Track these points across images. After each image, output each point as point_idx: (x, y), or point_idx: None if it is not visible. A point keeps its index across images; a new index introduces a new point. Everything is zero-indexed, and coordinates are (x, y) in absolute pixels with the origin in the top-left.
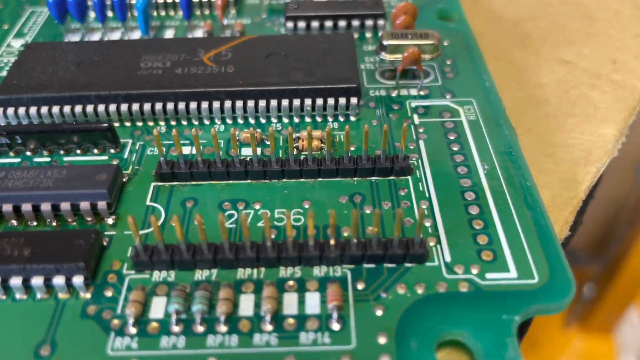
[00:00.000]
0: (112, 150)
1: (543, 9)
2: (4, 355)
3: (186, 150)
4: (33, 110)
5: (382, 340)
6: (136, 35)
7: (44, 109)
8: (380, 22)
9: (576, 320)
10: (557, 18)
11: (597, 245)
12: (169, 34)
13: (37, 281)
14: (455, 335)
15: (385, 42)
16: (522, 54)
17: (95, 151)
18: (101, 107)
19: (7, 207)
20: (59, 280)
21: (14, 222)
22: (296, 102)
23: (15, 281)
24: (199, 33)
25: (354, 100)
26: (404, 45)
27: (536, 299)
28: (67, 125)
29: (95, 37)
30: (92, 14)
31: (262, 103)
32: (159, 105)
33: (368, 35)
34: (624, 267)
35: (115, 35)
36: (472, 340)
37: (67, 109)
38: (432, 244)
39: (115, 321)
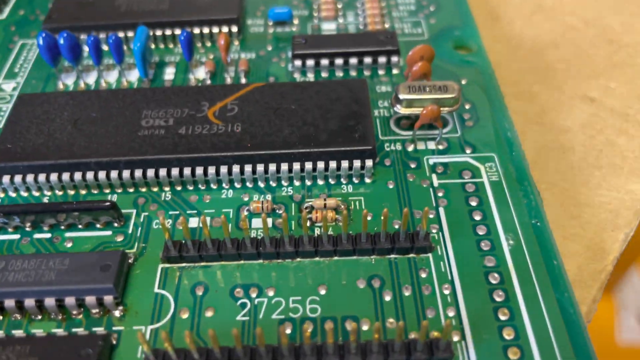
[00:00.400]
0: (116, 225)
1: (566, 33)
2: None
3: (194, 221)
4: (30, 178)
5: None
6: (134, 74)
7: (42, 177)
8: (394, 58)
9: None
10: (581, 44)
11: None
12: (169, 72)
13: None
14: None
15: (401, 96)
16: (544, 90)
17: (98, 226)
18: (102, 174)
19: (10, 303)
20: None
21: (18, 316)
22: (308, 165)
23: None
24: (201, 72)
25: (369, 162)
26: (422, 100)
27: None
28: (68, 205)
29: (91, 77)
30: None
31: (272, 167)
32: (163, 172)
33: (381, 72)
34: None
35: (112, 76)
36: None
37: (65, 176)
38: (456, 338)
39: None
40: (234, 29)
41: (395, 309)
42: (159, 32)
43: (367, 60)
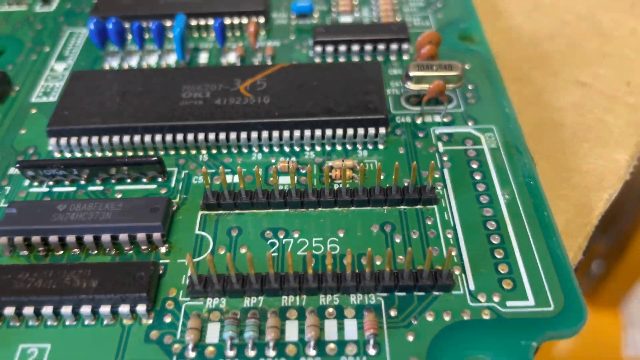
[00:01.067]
0: (160, 179)
1: (561, 27)
2: None
3: (229, 178)
4: (84, 140)
5: None
6: (172, 58)
7: (94, 139)
8: (405, 46)
9: (584, 295)
10: (574, 37)
11: (606, 223)
12: (203, 57)
13: (104, 309)
14: (478, 359)
15: (411, 74)
16: (540, 75)
17: (144, 180)
18: (147, 138)
19: (71, 238)
20: (124, 309)
21: (77, 251)
22: (328, 132)
23: (85, 309)
24: (232, 56)
25: (382, 130)
26: (429, 77)
27: (552, 326)
28: (120, 159)
29: (134, 60)
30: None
31: (296, 133)
32: (201, 136)
33: (393, 58)
34: (632, 243)
35: (153, 59)
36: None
37: (115, 139)
38: (457, 272)
39: (176, 345)
40: (261, 20)
41: (404, 249)
42: (194, 22)
43: (381, 47)
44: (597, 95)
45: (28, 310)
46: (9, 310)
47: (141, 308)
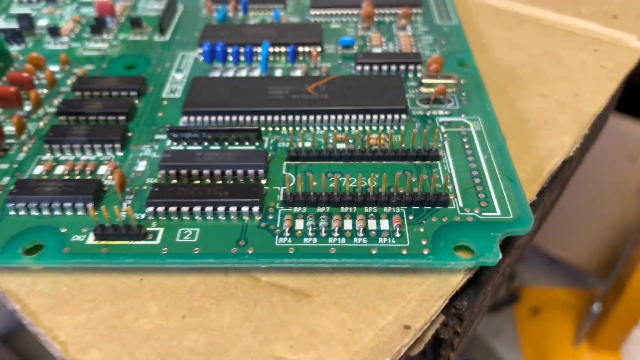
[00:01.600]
0: (257, 143)
1: (530, 58)
2: (219, 246)
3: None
4: (206, 118)
5: (424, 242)
6: (256, 72)
7: (213, 117)
8: (419, 67)
9: (585, 337)
10: (539, 65)
11: (605, 268)
12: (278, 72)
13: (232, 209)
14: (464, 242)
15: (423, 81)
16: (513, 89)
17: (247, 143)
18: (248, 118)
19: (206, 172)
20: (244, 209)
21: (208, 181)
22: (367, 116)
23: (220, 209)
24: (298, 72)
25: (403, 116)
26: (435, 83)
27: (511, 226)
28: (233, 127)
29: (230, 72)
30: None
31: (346, 117)
32: (283, 117)
33: (410, 75)
34: (630, 286)
35: (243, 72)
36: (474, 245)
37: (227, 118)
38: (452, 197)
39: (277, 230)
40: (318, 49)
41: (417, 182)
42: (272, 49)
43: (402, 67)
44: (553, 103)
45: (184, 209)
46: (173, 209)
47: (255, 209)
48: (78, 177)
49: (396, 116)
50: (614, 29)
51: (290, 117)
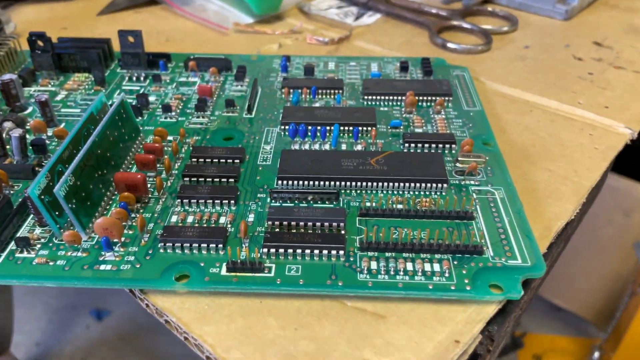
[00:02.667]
0: (335, 202)
1: (538, 139)
2: (317, 279)
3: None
4: (296, 182)
5: (466, 281)
6: (327, 146)
7: (301, 182)
8: (453, 145)
9: None
10: (546, 145)
11: (604, 317)
12: (343, 146)
13: (324, 252)
14: (495, 282)
15: (459, 159)
16: (526, 164)
17: (327, 202)
18: (327, 182)
19: (301, 223)
20: (333, 252)
21: (302, 230)
22: (417, 184)
23: (315, 251)
24: (359, 147)
25: (444, 185)
26: (468, 161)
27: (529, 270)
28: (317, 190)
29: (306, 146)
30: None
31: (401, 184)
32: (354, 183)
33: (446, 152)
34: (628, 335)
35: (316, 146)
36: (502, 283)
37: (311, 182)
38: (485, 248)
39: (358, 269)
40: (373, 132)
41: (459, 236)
42: (341, 128)
43: (440, 145)
44: (557, 176)
45: (289, 250)
46: (281, 250)
47: (341, 252)
48: (205, 225)
49: (439, 185)
50: (606, 117)
51: (359, 183)
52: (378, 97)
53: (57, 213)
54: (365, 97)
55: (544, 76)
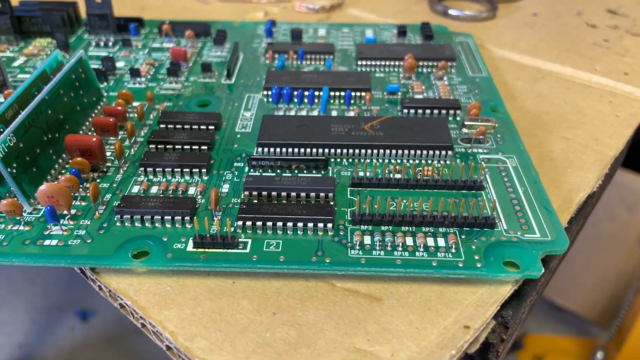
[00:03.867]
0: (323, 171)
1: (553, 107)
2: (300, 256)
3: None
4: (277, 150)
5: (476, 257)
6: (315, 112)
7: (284, 149)
8: (458, 111)
9: None
10: (562, 113)
11: (607, 317)
12: (334, 113)
13: (309, 225)
14: (510, 259)
15: (466, 123)
16: (541, 133)
17: (314, 172)
18: (314, 150)
19: (283, 194)
20: (320, 225)
21: (284, 202)
22: (418, 151)
23: (299, 224)
24: (351, 114)
25: (449, 152)
26: (476, 125)
27: (550, 245)
28: (304, 158)
29: (292, 112)
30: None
31: (399, 151)
32: (344, 150)
33: (450, 119)
34: (632, 335)
35: (303, 112)
36: (519, 260)
37: (296, 150)
38: (497, 221)
39: (349, 244)
40: (368, 96)
41: (466, 207)
42: (332, 93)
43: (443, 112)
44: (576, 145)
45: (269, 224)
46: (259, 223)
47: (329, 225)
48: (171, 195)
49: (443, 152)
50: (626, 84)
51: (350, 150)
52: (373, 63)
53: None
54: (360, 63)
55: (556, 43)
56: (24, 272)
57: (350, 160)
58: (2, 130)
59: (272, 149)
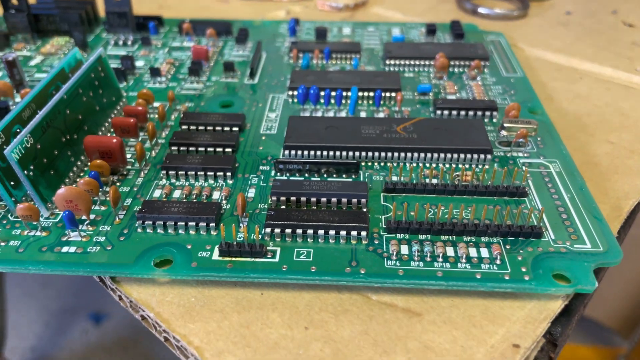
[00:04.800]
0: (354, 176)
1: (593, 109)
2: (333, 266)
3: (395, 177)
4: (305, 152)
5: (523, 269)
6: (343, 113)
7: (312, 152)
8: (494, 113)
9: None
10: (604, 115)
11: (629, 326)
12: (362, 114)
13: (342, 233)
14: (560, 271)
15: (505, 125)
16: (582, 136)
17: (344, 176)
18: (344, 153)
19: (313, 199)
20: (353, 233)
21: (314, 207)
22: (454, 155)
23: (331, 232)
24: (381, 114)
25: (488, 156)
26: (517, 127)
27: (602, 257)
28: (333, 161)
29: (318, 113)
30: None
31: (435, 155)
32: (376, 154)
33: (486, 120)
34: None
35: (330, 113)
36: (570, 273)
37: (324, 152)
38: (544, 230)
39: (385, 254)
40: (399, 96)
41: (510, 216)
42: (360, 94)
43: (479, 113)
44: (621, 149)
45: (299, 231)
46: (288, 230)
47: (363, 234)
48: (195, 200)
49: (481, 156)
50: None
51: (382, 154)
52: (402, 62)
53: (12, 183)
54: (388, 62)
55: (593, 42)
56: (37, 275)
57: (382, 164)
58: (19, 130)
59: (299, 152)
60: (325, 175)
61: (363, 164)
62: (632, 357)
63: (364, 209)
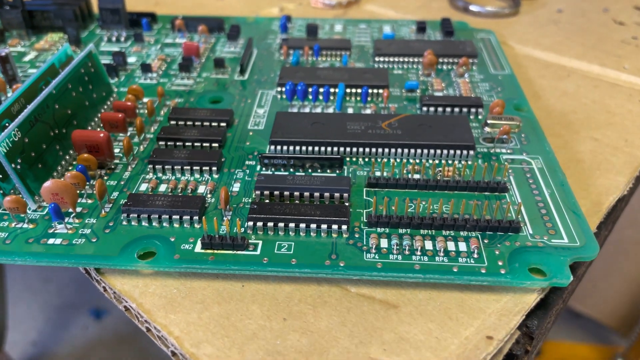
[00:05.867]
0: (338, 171)
1: (580, 106)
2: (313, 259)
3: (378, 173)
4: (291, 147)
5: (500, 263)
6: (330, 110)
7: (298, 147)
8: (480, 109)
9: None
10: (590, 112)
11: (627, 324)
12: (350, 110)
13: (323, 226)
14: (536, 265)
15: (489, 121)
16: (567, 133)
17: (328, 171)
18: (329, 149)
19: (296, 193)
20: (334, 227)
21: (297, 202)
22: (438, 151)
23: (312, 225)
24: (368, 111)
25: (471, 152)
26: (500, 124)
27: (579, 252)
28: (319, 157)
29: (306, 109)
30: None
31: (418, 150)
32: (361, 149)
33: (472, 117)
34: None
35: (318, 109)
36: (546, 267)
37: (310, 148)
38: (522, 225)
39: (364, 247)
40: (386, 93)
41: (488, 211)
42: (347, 90)
43: (464, 110)
44: (604, 146)
45: (280, 224)
46: (270, 224)
47: (344, 227)
48: (180, 194)
49: (465, 152)
50: None
51: (367, 149)
52: (391, 59)
53: (0, 176)
54: (377, 59)
55: (582, 40)
56: (39, 271)
57: (366, 159)
58: (7, 125)
59: (285, 147)
60: (309, 170)
61: (347, 159)
62: (630, 355)
63: (346, 204)
